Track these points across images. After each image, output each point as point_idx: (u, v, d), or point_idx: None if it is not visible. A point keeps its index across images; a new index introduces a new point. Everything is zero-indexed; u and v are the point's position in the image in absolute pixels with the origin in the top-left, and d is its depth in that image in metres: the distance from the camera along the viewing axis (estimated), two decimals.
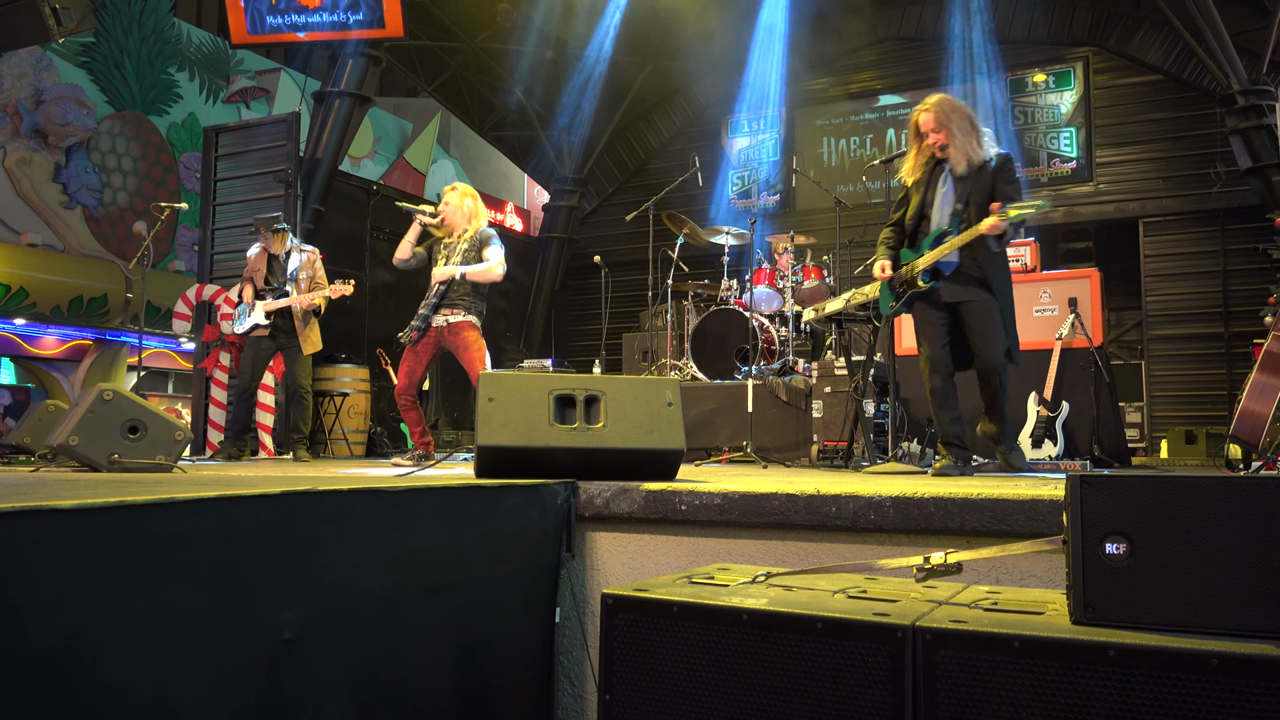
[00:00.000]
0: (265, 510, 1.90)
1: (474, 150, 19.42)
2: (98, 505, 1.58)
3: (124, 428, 3.53)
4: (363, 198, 9.81)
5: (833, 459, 4.97)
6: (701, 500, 2.66)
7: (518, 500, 2.65)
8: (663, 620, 1.81)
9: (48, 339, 11.95)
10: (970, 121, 4.03)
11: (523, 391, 2.97)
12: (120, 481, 2.56)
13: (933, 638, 1.54)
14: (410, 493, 2.28)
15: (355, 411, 8.14)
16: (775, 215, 11.98)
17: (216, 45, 14.60)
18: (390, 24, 8.65)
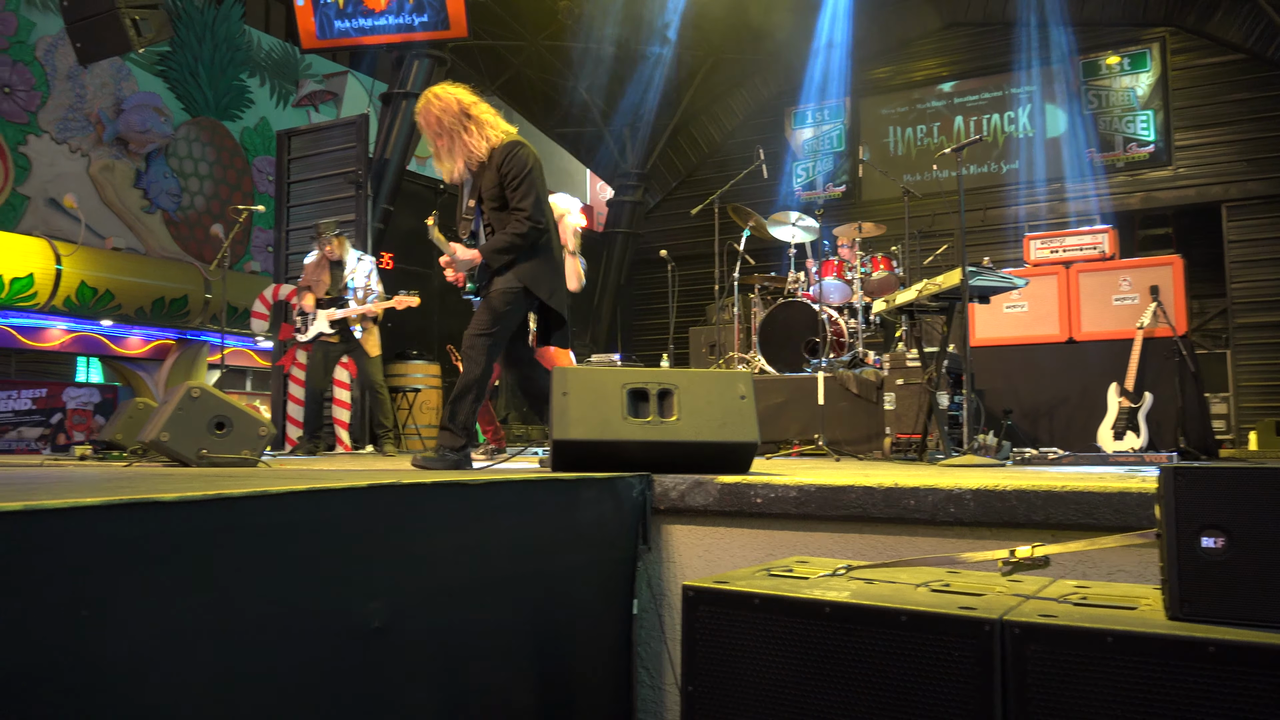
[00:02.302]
0: (352, 502, 1.94)
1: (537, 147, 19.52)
2: (196, 498, 1.64)
3: (211, 424, 3.65)
4: (430, 196, 9.96)
5: (906, 452, 4.90)
6: (777, 493, 2.65)
7: (594, 493, 2.68)
8: (744, 612, 1.81)
9: (133, 339, 12.36)
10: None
11: (596, 386, 2.99)
12: (212, 476, 2.65)
13: (1022, 632, 1.52)
14: (489, 486, 2.32)
15: (427, 407, 8.28)
16: (841, 206, 11.85)
17: (285, 50, 14.93)
18: (454, 25, 8.76)
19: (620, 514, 2.76)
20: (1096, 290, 5.61)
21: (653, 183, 12.99)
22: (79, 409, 12.35)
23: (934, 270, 7.49)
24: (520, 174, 3.69)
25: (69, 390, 12.37)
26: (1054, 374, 5.52)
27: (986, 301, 4.64)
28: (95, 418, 12.47)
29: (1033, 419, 5.48)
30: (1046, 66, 11.09)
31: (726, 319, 7.90)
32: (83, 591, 1.43)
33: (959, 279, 4.13)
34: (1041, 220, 10.78)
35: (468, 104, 3.77)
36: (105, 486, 2.02)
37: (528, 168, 3.72)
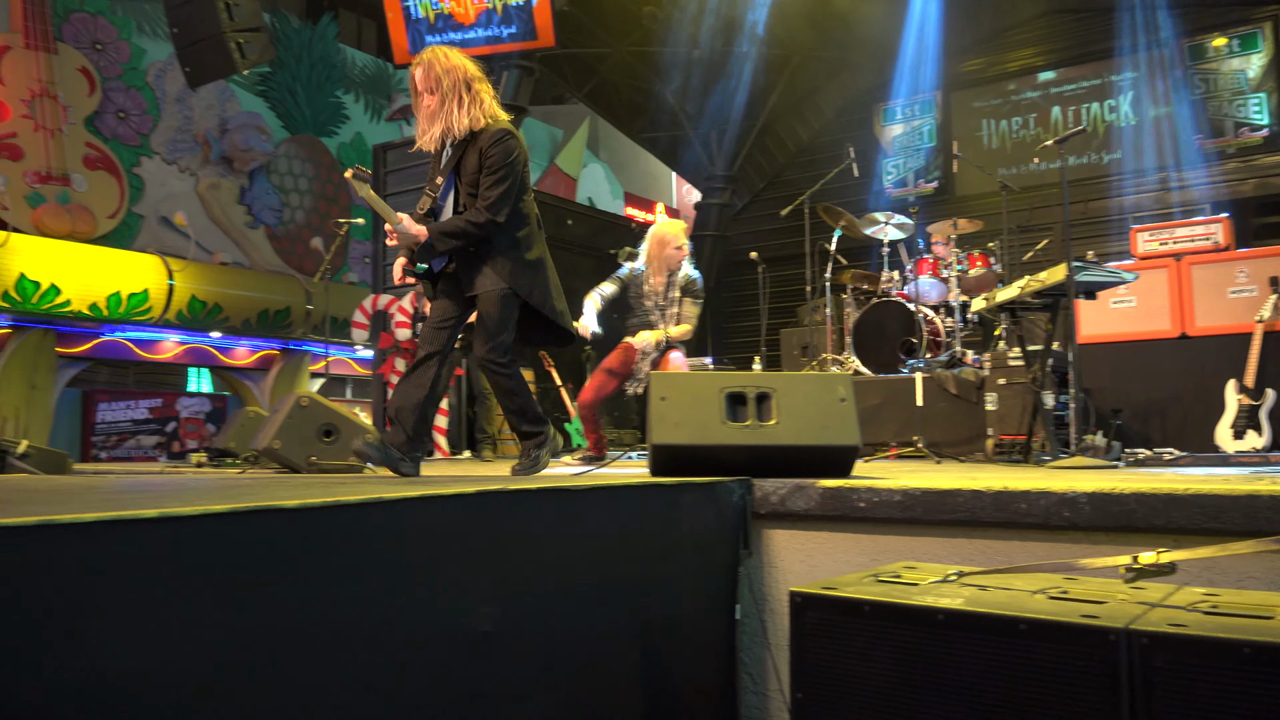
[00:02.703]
0: (462, 507, 1.98)
1: (623, 153, 19.69)
2: (316, 505, 1.69)
3: (320, 431, 3.77)
4: None
5: (1010, 453, 4.77)
6: (881, 497, 2.61)
7: (695, 498, 2.68)
8: (853, 619, 1.78)
9: (240, 350, 12.85)
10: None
11: (694, 390, 2.99)
12: (325, 482, 2.73)
13: (1150, 642, 1.46)
14: (592, 491, 2.34)
15: None
16: (934, 203, 11.61)
17: (378, 66, 15.34)
18: (542, 35, 8.87)
19: (721, 519, 2.75)
20: (1211, 283, 5.37)
21: (740, 184, 12.94)
22: (191, 417, 12.90)
23: (1034, 266, 7.27)
24: (501, 164, 3.49)
25: (182, 400, 12.94)
26: (1166, 371, 5.31)
27: (1093, 297, 4.49)
28: (206, 425, 13.01)
29: (1144, 418, 5.27)
30: (1149, 51, 10.67)
31: (819, 320, 7.81)
32: (213, 594, 1.49)
33: (1064, 275, 4.00)
34: (1146, 211, 10.37)
35: (473, 75, 3.57)
36: (228, 494, 2.10)
37: (510, 159, 3.51)
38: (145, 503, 1.74)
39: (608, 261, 11.14)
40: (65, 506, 1.72)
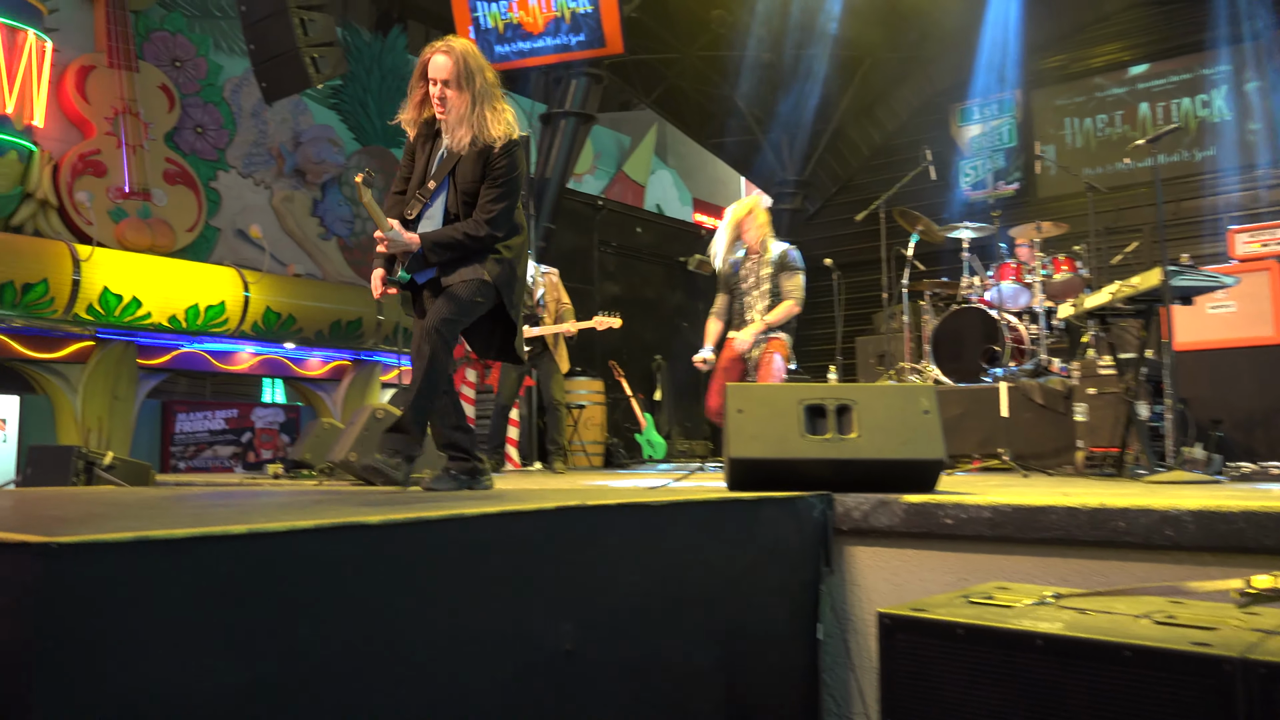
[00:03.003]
0: (542, 524, 1.99)
1: (691, 159, 19.68)
2: (398, 521, 1.72)
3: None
4: (589, 213, 10.17)
5: (1101, 467, 4.63)
6: (969, 513, 2.55)
7: (774, 513, 2.65)
8: (945, 643, 1.74)
9: (313, 361, 13.15)
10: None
11: (772, 402, 2.96)
12: (406, 496, 2.78)
13: (1269, 673, 1.40)
14: (671, 507, 2.33)
15: (592, 423, 8.43)
16: (1015, 205, 11.36)
17: None
18: (611, 42, 8.92)
19: (801, 535, 2.72)
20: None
21: (812, 189, 12.84)
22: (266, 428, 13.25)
23: (1123, 270, 7.06)
24: (508, 175, 3.29)
25: (257, 410, 13.30)
26: (1270, 379, 5.10)
27: (1189, 302, 4.34)
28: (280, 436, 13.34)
29: (1247, 429, 5.08)
30: (1244, 43, 10.31)
31: (895, 328, 7.70)
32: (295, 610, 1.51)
33: (1159, 279, 3.87)
34: (1243, 211, 10.01)
35: (498, 80, 3.39)
36: (310, 508, 2.14)
37: (516, 172, 3.33)
38: (233, 518, 1.78)
39: (677, 269, 11.15)
40: (155, 521, 1.77)
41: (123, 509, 2.11)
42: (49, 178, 10.46)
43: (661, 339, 10.72)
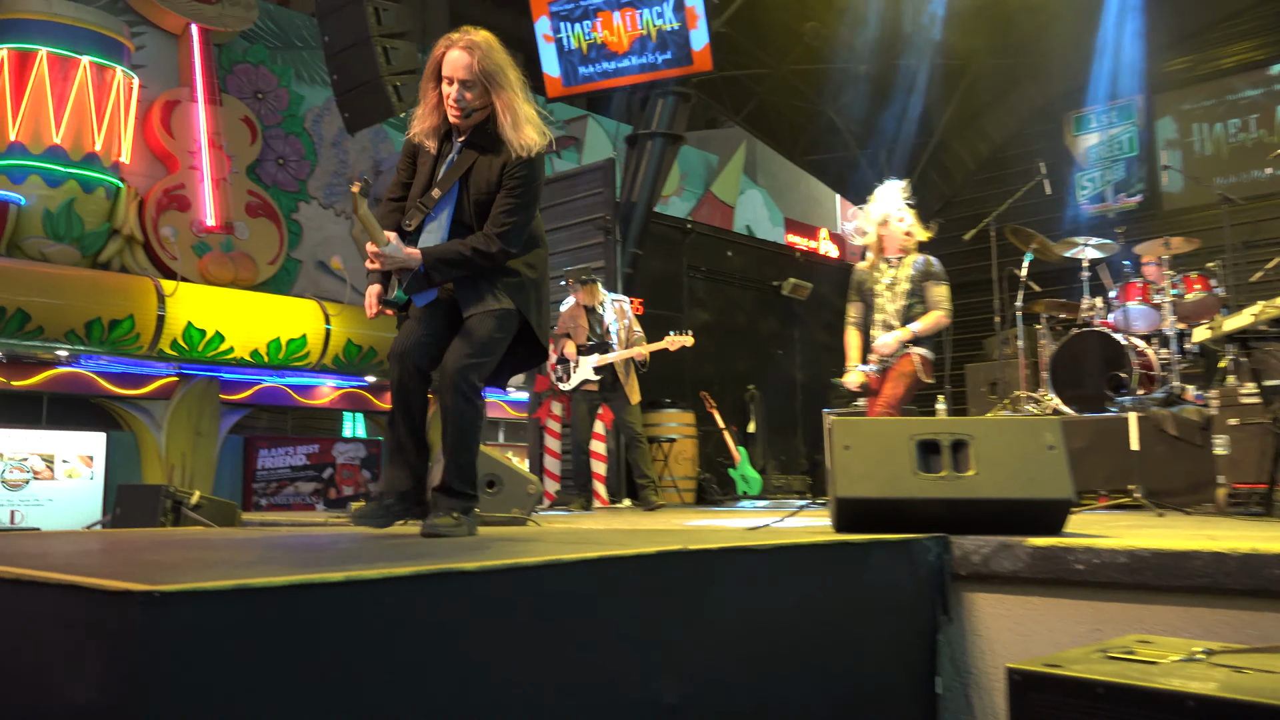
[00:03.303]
0: (643, 569, 1.99)
1: (782, 177, 19.64)
2: (495, 568, 1.73)
3: (482, 482, 3.88)
4: (677, 237, 10.21)
5: (1247, 505, 4.43)
6: (1102, 558, 2.46)
7: (886, 557, 2.60)
8: (1085, 703, 1.68)
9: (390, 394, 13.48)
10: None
11: (881, 438, 2.92)
12: (493, 538, 2.81)
13: None
14: (777, 551, 2.31)
15: (683, 457, 8.42)
16: (1139, 219, 11.02)
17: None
18: (698, 60, 8.99)
19: (916, 580, 2.67)
20: None
21: (915, 207, 12.66)
22: (347, 463, 13.58)
23: (1264, 288, 6.78)
24: (528, 184, 3.05)
25: (338, 445, 13.65)
26: None
27: None
28: (361, 472, 13.66)
29: None
30: None
31: (1009, 353, 7.52)
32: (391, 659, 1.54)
33: None
34: None
35: (521, 77, 3.11)
36: (405, 553, 2.18)
37: (537, 182, 3.08)
38: (328, 563, 1.83)
39: (770, 294, 11.10)
40: (251, 567, 1.82)
41: (217, 553, 2.18)
42: (135, 213, 10.99)
43: (755, 368, 10.67)
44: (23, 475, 10.61)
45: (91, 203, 10.49)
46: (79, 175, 10.32)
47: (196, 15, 11.61)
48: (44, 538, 3.11)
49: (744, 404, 10.41)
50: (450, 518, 3.00)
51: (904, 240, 5.26)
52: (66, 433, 11.01)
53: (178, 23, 11.60)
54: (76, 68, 10.30)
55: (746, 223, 18.28)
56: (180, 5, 11.53)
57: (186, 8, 11.56)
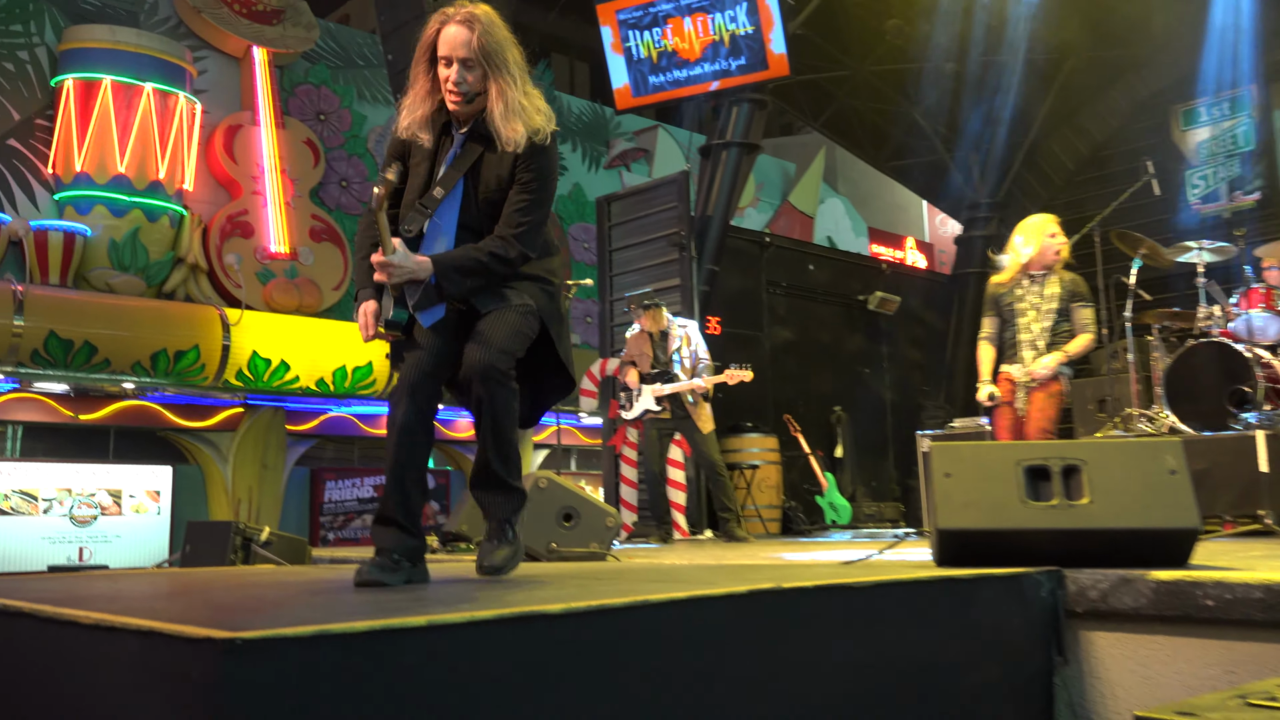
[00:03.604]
0: (732, 610, 1.97)
1: (864, 184, 19.50)
2: (582, 610, 1.74)
3: (559, 515, 3.91)
4: (755, 251, 10.19)
5: None
6: (1235, 593, 2.37)
7: (994, 593, 2.55)
8: None
9: (461, 421, 13.62)
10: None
11: (984, 464, 2.86)
12: (576, 575, 2.82)
13: None
14: (876, 588, 2.27)
15: (767, 485, 8.36)
16: (1259, 219, 10.68)
17: (594, 111, 16.05)
18: (774, 64, 8.99)
19: (1027, 618, 2.60)
20: None
21: (1009, 212, 12.44)
22: None
23: None
24: (545, 178, 2.80)
25: None
26: None
27: None
28: (430, 504, 13.83)
29: None
30: None
31: (1118, 368, 7.34)
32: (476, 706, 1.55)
33: None
34: None
35: (524, 58, 2.86)
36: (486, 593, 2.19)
37: (553, 175, 2.84)
38: (406, 606, 1.85)
39: (856, 309, 11.00)
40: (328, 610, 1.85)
41: (292, 595, 2.22)
42: (199, 241, 11.34)
43: (841, 388, 10.57)
44: (91, 511, 10.96)
45: (156, 231, 10.85)
46: (143, 204, 10.69)
47: (258, 37, 11.97)
48: (116, 578, 3.20)
49: (830, 427, 10.31)
50: (507, 544, 2.82)
51: (1053, 259, 5.24)
52: (133, 467, 11.35)
53: (239, 46, 11.98)
54: (140, 95, 10.69)
55: (827, 233, 18.17)
56: (241, 28, 11.91)
57: (248, 30, 11.93)
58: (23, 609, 1.93)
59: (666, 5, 9.11)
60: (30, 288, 9.71)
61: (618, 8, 9.28)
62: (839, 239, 18.13)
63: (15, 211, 10.42)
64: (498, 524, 2.85)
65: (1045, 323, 5.19)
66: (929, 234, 20.55)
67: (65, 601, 1.96)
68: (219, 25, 11.79)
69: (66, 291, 10.19)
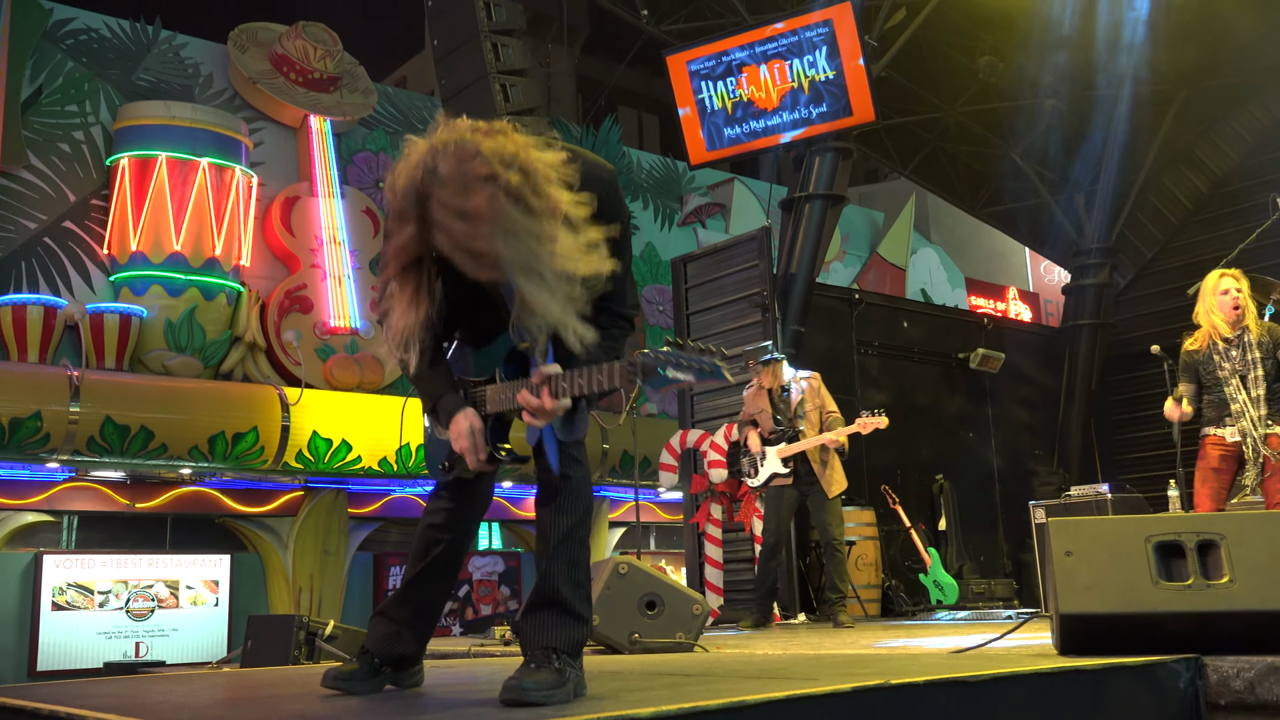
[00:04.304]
0: (836, 712, 1.95)
1: (959, 232, 19.38)
2: (670, 713, 1.74)
3: (642, 603, 3.90)
4: (844, 309, 10.16)
5: None
6: None
7: (1126, 685, 2.49)
8: None
9: (530, 500, 13.72)
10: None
11: (1110, 540, 2.81)
12: (661, 670, 2.81)
13: None
14: (993, 683, 2.23)
15: (864, 563, 8.24)
16: None
17: (666, 167, 16.25)
18: (859, 110, 9.04)
19: (1164, 712, 2.54)
20: None
21: (1122, 257, 12.28)
22: (485, 579, 13.82)
23: None
24: (624, 227, 2.46)
25: (473, 560, 13.91)
26: None
27: None
28: (500, 588, 13.86)
29: None
30: None
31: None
32: None
33: None
34: None
35: (520, 154, 2.18)
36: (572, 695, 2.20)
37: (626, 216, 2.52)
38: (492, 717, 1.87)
39: (955, 368, 10.88)
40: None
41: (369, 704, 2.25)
42: (256, 318, 11.67)
43: (942, 454, 10.41)
44: (148, 604, 11.21)
45: (213, 310, 11.21)
46: (200, 282, 11.06)
47: (314, 105, 12.40)
48: (179, 680, 3.27)
49: (932, 497, 10.15)
50: (551, 670, 2.26)
51: (1233, 315, 5.21)
52: (191, 556, 11.61)
53: (296, 115, 12.41)
54: (195, 170, 11.11)
55: (921, 286, 18.05)
56: (298, 97, 12.35)
57: (304, 99, 12.37)
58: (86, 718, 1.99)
59: (740, 53, 9.25)
60: (86, 372, 10.06)
61: (689, 58, 9.44)
62: (934, 292, 18.00)
63: (71, 295, 10.85)
64: (543, 651, 2.33)
65: (1258, 389, 5.12)
66: (1033, 283, 20.29)
67: (132, 710, 2.01)
68: (275, 95, 12.24)
69: (123, 375, 10.54)
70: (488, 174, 2.11)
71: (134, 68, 11.83)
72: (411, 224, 2.23)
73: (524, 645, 2.40)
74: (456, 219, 2.12)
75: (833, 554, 6.64)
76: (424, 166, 2.20)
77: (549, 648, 2.31)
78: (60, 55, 11.36)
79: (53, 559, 10.86)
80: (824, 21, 9.02)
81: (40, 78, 11.16)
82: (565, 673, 2.25)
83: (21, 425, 9.53)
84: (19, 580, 10.72)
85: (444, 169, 2.15)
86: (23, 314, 10.28)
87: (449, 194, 2.13)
